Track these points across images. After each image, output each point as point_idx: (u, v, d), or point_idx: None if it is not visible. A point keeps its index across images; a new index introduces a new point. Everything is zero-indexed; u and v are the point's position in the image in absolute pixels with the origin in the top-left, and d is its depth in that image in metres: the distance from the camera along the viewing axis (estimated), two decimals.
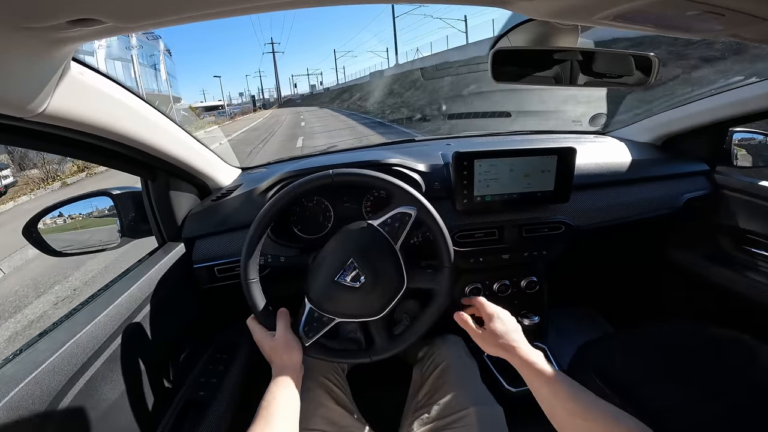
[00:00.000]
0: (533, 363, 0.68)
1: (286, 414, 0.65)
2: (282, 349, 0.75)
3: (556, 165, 1.09)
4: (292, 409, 0.67)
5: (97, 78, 0.66)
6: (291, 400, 0.68)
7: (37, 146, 0.68)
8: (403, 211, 0.82)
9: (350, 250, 0.81)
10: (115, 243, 1.07)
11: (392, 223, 0.82)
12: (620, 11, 0.52)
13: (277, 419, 0.62)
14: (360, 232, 0.83)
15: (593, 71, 0.76)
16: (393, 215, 0.82)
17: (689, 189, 1.29)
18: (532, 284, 1.29)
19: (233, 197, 1.15)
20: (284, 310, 0.81)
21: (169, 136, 0.91)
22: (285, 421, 0.64)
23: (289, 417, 0.66)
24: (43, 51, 0.48)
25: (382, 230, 0.82)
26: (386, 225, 0.82)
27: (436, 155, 1.24)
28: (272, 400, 0.65)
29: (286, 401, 0.67)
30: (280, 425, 0.62)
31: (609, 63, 0.76)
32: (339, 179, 0.82)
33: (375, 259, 0.80)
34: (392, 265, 0.81)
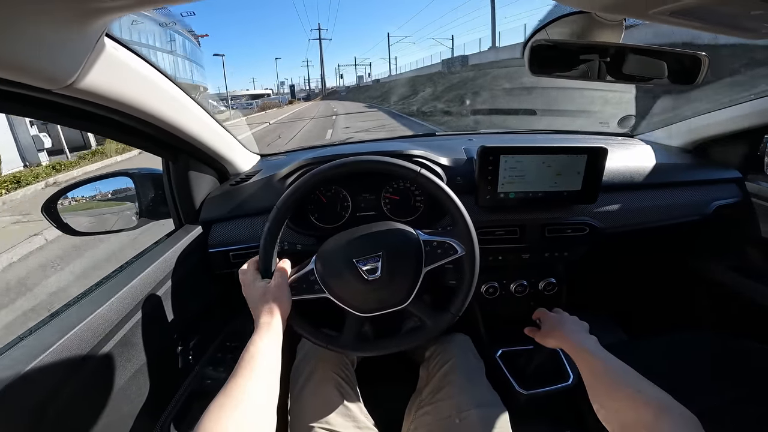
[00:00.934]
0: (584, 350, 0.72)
1: (272, 367, 0.61)
2: (274, 294, 0.71)
3: (585, 165, 1.06)
4: (276, 362, 0.63)
5: (128, 55, 0.65)
6: (276, 353, 0.64)
7: (62, 121, 0.67)
8: (453, 244, 0.81)
9: (385, 245, 0.79)
10: (133, 224, 1.07)
11: (437, 247, 0.81)
12: (679, 7, 0.49)
13: (264, 372, 0.59)
14: (404, 236, 0.82)
15: (637, 68, 0.73)
16: (442, 242, 0.81)
17: (720, 196, 1.25)
18: (550, 286, 1.26)
19: (252, 182, 1.14)
20: (286, 262, 0.79)
21: (194, 118, 0.90)
22: (271, 375, 0.60)
23: (275, 370, 0.61)
24: (78, 21, 0.47)
25: (424, 247, 0.81)
26: (430, 245, 0.81)
27: (458, 149, 1.21)
28: (256, 352, 0.60)
29: (271, 353, 0.62)
30: (264, 379, 0.58)
31: (655, 61, 0.73)
32: (421, 180, 0.81)
33: (400, 267, 0.79)
34: (409, 282, 0.80)
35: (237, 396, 0.53)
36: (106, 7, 0.44)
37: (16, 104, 0.57)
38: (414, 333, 0.84)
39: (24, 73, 0.47)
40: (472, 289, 0.82)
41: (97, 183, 1.04)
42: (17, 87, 0.51)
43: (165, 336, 0.88)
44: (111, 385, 0.72)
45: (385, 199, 1.14)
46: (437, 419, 0.83)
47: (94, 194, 1.04)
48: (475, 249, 0.81)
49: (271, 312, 0.68)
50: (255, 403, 0.54)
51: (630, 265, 1.58)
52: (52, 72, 0.50)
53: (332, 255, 0.80)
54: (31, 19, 0.42)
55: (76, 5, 0.43)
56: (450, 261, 0.81)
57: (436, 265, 0.80)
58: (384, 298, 0.80)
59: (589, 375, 0.68)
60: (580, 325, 0.85)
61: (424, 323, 0.83)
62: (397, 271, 0.78)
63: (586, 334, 0.80)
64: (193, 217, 1.07)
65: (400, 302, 0.80)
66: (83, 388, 0.65)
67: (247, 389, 0.54)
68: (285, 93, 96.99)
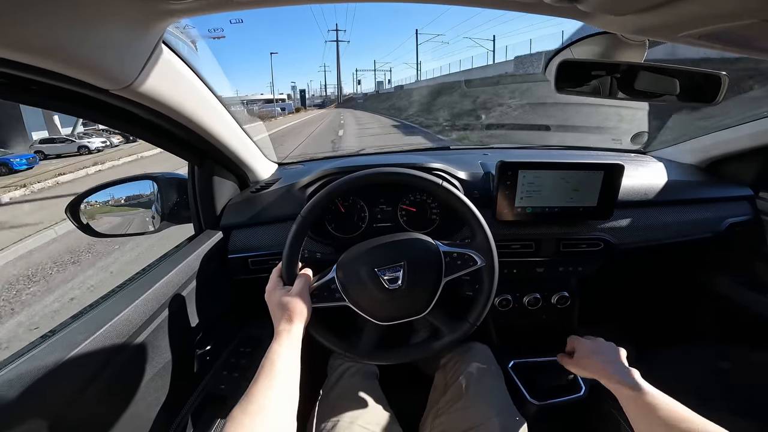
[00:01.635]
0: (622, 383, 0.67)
1: (291, 374, 0.62)
2: (295, 303, 0.72)
3: (602, 181, 1.07)
4: (296, 368, 0.64)
5: (177, 60, 0.68)
6: (296, 360, 0.65)
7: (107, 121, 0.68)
8: (473, 256, 0.82)
9: (407, 255, 0.80)
10: (154, 227, 1.08)
11: (457, 258, 0.82)
12: (707, 31, 0.51)
13: (283, 379, 0.59)
14: (425, 247, 0.83)
15: (658, 86, 0.75)
16: (462, 253, 0.82)
17: (732, 214, 1.26)
18: (563, 299, 1.27)
19: (272, 190, 1.15)
20: (308, 270, 0.81)
21: (225, 126, 0.92)
22: (291, 381, 0.61)
23: (294, 377, 0.62)
24: (141, 23, 0.49)
25: (444, 258, 0.82)
26: (450, 256, 0.82)
27: (475, 164, 1.23)
28: (277, 359, 0.61)
29: (291, 360, 0.63)
30: (285, 386, 0.59)
31: (676, 80, 0.75)
32: (441, 192, 0.83)
33: (421, 277, 0.80)
34: (429, 292, 0.81)
35: (259, 402, 0.54)
36: (172, 9, 0.46)
37: (68, 103, 0.59)
38: (432, 342, 0.85)
39: (90, 72, 0.49)
40: (491, 300, 0.83)
41: (121, 186, 1.05)
42: (77, 86, 0.53)
43: (183, 339, 0.89)
44: (130, 386, 0.73)
45: (402, 210, 1.16)
46: (455, 428, 0.83)
47: (118, 196, 1.06)
48: (494, 261, 0.82)
49: (291, 319, 0.70)
50: (276, 408, 0.55)
51: (642, 279, 1.59)
52: (115, 72, 0.52)
53: (354, 264, 0.81)
54: (101, 20, 0.44)
55: (145, 5, 0.45)
56: (469, 272, 0.82)
57: (455, 276, 0.82)
58: (404, 307, 0.81)
59: (635, 412, 0.63)
60: (617, 353, 0.76)
61: (441, 332, 0.84)
62: (417, 281, 0.79)
63: (624, 365, 0.73)
64: (214, 222, 1.09)
65: (419, 311, 0.81)
66: (104, 389, 0.65)
67: (268, 395, 0.56)
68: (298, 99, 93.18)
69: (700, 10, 0.46)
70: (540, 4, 0.50)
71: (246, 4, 0.46)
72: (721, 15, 0.46)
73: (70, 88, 0.53)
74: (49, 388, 0.56)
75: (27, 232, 5.62)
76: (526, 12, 0.52)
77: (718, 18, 0.46)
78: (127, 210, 1.10)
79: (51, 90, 0.53)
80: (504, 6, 0.52)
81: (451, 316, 0.85)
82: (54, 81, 0.49)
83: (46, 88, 0.52)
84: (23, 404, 0.53)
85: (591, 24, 0.61)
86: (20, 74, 0.46)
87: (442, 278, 0.81)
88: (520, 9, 0.52)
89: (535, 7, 0.51)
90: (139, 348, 0.74)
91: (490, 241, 0.82)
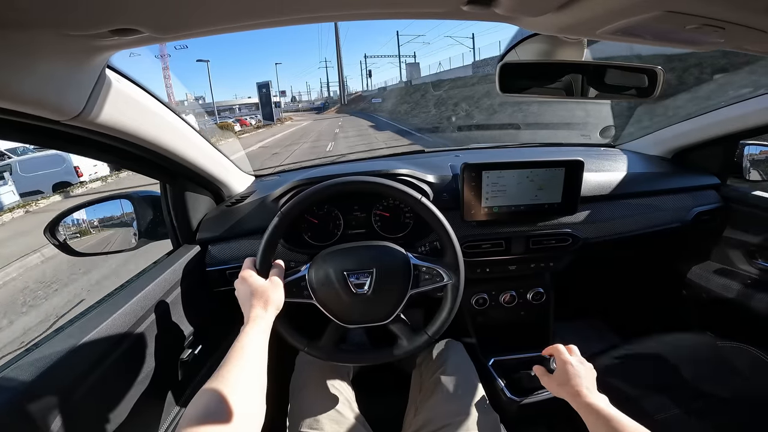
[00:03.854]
0: (597, 407, 0.66)
1: (260, 357, 0.64)
2: (271, 291, 0.75)
3: (564, 177, 1.10)
4: (264, 353, 0.66)
5: (129, 85, 0.70)
6: (265, 345, 0.67)
7: (70, 149, 0.71)
8: (442, 273, 0.85)
9: (378, 262, 0.83)
10: (132, 245, 1.11)
11: (425, 272, 0.85)
12: (621, 26, 0.54)
13: (253, 361, 0.62)
14: (396, 257, 0.86)
15: (600, 84, 0.78)
16: (431, 268, 0.85)
17: (699, 203, 1.28)
18: (538, 295, 1.29)
19: (247, 203, 1.18)
20: (280, 262, 0.83)
21: (190, 143, 0.95)
22: (260, 364, 0.63)
23: (263, 361, 0.65)
24: (81, 57, 0.52)
25: (413, 271, 0.85)
26: (419, 270, 0.85)
27: (444, 166, 1.26)
28: (248, 343, 0.64)
29: (260, 345, 0.66)
30: (255, 367, 0.61)
31: (614, 76, 0.78)
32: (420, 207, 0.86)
33: (388, 286, 0.83)
34: (393, 300, 0.84)
35: (228, 379, 0.56)
36: (107, 45, 0.49)
37: (28, 135, 0.62)
38: (389, 349, 0.87)
39: (36, 106, 0.52)
40: (451, 317, 0.86)
41: (97, 205, 1.08)
42: (29, 119, 0.56)
43: (166, 350, 0.91)
44: (113, 398, 0.74)
45: (376, 216, 1.18)
46: (431, 425, 0.85)
47: (94, 216, 1.09)
48: (460, 280, 0.85)
49: (265, 306, 0.72)
50: (245, 387, 0.57)
51: (616, 271, 1.61)
52: (61, 104, 0.55)
53: (326, 264, 0.84)
54: (39, 59, 0.47)
55: (81, 42, 0.48)
56: (435, 288, 0.85)
57: (421, 290, 0.85)
58: (368, 312, 0.84)
59: None
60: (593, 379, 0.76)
61: (398, 341, 0.87)
62: (384, 290, 0.83)
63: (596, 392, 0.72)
64: (191, 237, 1.11)
65: (382, 319, 0.85)
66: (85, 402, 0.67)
67: (236, 375, 0.57)
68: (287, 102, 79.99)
69: (605, 7, 0.49)
70: (458, 11, 0.53)
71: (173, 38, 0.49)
72: (626, 9, 0.48)
73: (22, 120, 0.56)
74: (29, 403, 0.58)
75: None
76: (447, 19, 0.55)
77: (625, 12, 0.49)
78: (105, 229, 1.13)
79: (3, 123, 0.56)
80: (425, 16, 0.55)
81: (412, 326, 0.88)
82: (3, 115, 0.52)
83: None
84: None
85: (515, 25, 0.64)
86: None
87: (408, 290, 0.84)
88: (440, 17, 0.55)
89: (454, 14, 0.54)
90: (120, 361, 0.76)
91: (459, 260, 0.85)
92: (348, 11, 0.52)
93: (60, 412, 0.62)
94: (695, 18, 0.48)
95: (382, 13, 0.52)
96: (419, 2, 0.52)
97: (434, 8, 0.53)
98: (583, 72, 0.77)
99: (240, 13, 0.47)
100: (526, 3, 0.52)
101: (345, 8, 0.51)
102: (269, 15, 0.49)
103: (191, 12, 0.45)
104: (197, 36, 0.52)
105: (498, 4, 0.50)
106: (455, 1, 0.50)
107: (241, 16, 0.48)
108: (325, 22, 0.54)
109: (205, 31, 0.50)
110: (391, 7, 0.52)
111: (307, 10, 0.50)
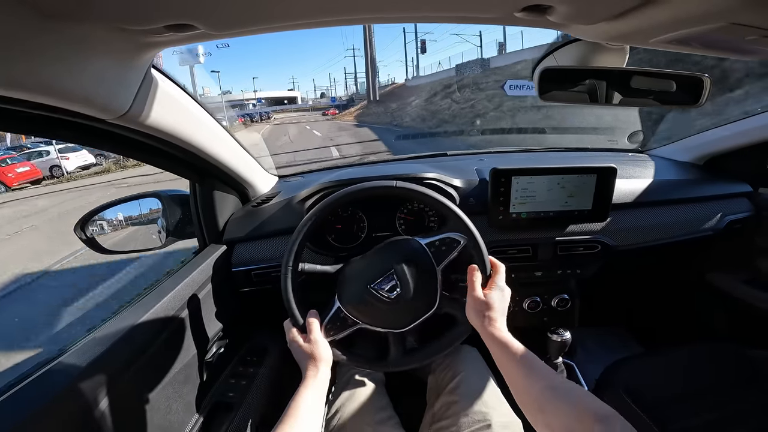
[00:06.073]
0: (508, 342, 0.68)
1: (313, 415, 0.68)
2: (312, 349, 0.77)
3: (596, 184, 1.08)
4: (319, 411, 0.70)
5: (170, 85, 0.71)
6: (319, 403, 0.71)
7: (110, 148, 0.72)
8: (453, 237, 0.83)
9: (393, 261, 0.82)
10: (160, 243, 1.12)
11: (439, 245, 0.84)
12: (677, 36, 0.53)
13: (305, 422, 0.66)
14: (406, 247, 0.85)
15: (644, 91, 0.76)
16: (442, 238, 0.84)
17: (732, 210, 1.25)
18: (563, 302, 1.27)
19: (273, 204, 1.18)
20: (314, 312, 0.83)
21: (222, 144, 0.95)
22: (312, 422, 0.67)
23: (316, 418, 0.69)
24: (131, 54, 0.52)
25: (429, 249, 0.83)
26: (433, 246, 0.84)
27: (470, 170, 1.25)
28: (302, 403, 0.68)
29: (313, 402, 0.70)
30: (307, 425, 0.65)
31: (659, 83, 0.76)
32: (400, 192, 0.84)
33: (415, 275, 0.82)
34: (429, 285, 0.82)
35: None
36: (158, 41, 0.49)
37: (73, 132, 0.63)
38: (452, 332, 0.84)
39: (84, 103, 0.52)
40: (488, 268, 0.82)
41: (126, 204, 1.10)
42: (76, 117, 0.56)
43: (192, 349, 0.92)
44: (142, 396, 0.75)
45: (400, 219, 1.17)
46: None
47: (123, 214, 1.10)
48: (475, 234, 0.81)
49: (316, 365, 0.75)
50: None
51: (644, 279, 1.58)
52: (108, 103, 0.55)
53: (350, 288, 0.83)
54: (93, 55, 0.47)
55: (133, 38, 0.48)
56: (458, 252, 0.83)
57: (447, 260, 0.83)
58: (413, 308, 0.82)
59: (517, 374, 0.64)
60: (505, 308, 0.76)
61: (456, 318, 0.84)
62: (414, 281, 0.81)
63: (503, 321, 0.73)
64: (217, 237, 1.12)
65: (430, 306, 0.83)
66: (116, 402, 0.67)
67: None
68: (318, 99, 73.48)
69: (668, 16, 0.47)
70: (511, 17, 0.52)
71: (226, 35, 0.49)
72: (689, 20, 0.47)
73: (68, 119, 0.56)
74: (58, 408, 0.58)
75: None
76: (498, 25, 0.55)
77: (687, 23, 0.48)
78: (133, 227, 1.14)
79: (50, 121, 0.57)
80: (476, 21, 0.54)
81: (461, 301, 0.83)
82: (51, 113, 0.53)
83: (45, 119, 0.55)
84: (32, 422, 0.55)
85: (566, 32, 0.63)
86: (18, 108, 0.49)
87: (435, 268, 0.82)
88: (492, 23, 0.54)
89: (507, 20, 0.53)
90: (150, 360, 0.77)
91: (464, 219, 0.82)
92: (399, 14, 0.51)
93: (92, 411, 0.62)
94: (758, 30, 0.47)
95: (434, 17, 0.52)
96: (473, 7, 0.51)
97: (487, 14, 0.52)
98: (627, 79, 0.75)
99: (295, 12, 0.47)
100: (583, 12, 0.51)
101: (397, 11, 0.51)
102: (321, 15, 0.49)
103: (248, 9, 0.45)
104: (250, 34, 0.52)
105: (553, 12, 0.49)
106: (509, 8, 0.49)
107: (296, 16, 0.48)
108: (376, 23, 0.53)
109: (259, 29, 0.50)
110: (443, 11, 0.52)
111: (358, 11, 0.49)
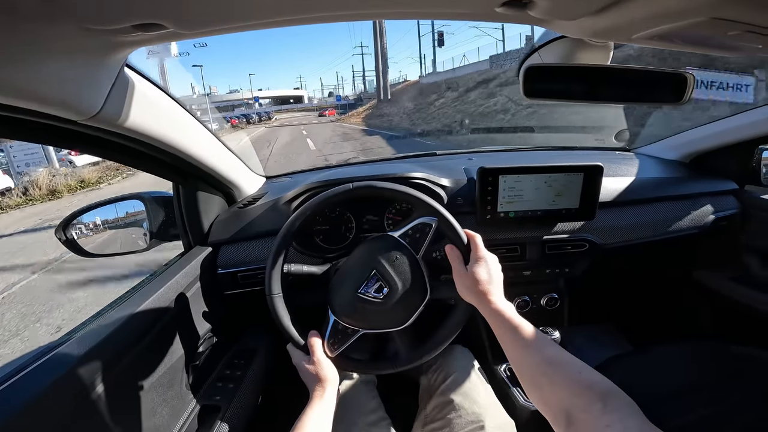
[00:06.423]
0: (504, 314, 0.66)
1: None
2: (319, 368, 0.78)
3: (582, 182, 1.08)
4: (323, 428, 0.71)
5: (146, 84, 0.69)
6: (325, 423, 0.72)
7: (85, 149, 0.70)
8: (424, 221, 0.82)
9: (372, 261, 0.81)
10: (143, 246, 1.10)
11: (413, 234, 0.83)
12: (659, 31, 0.52)
13: None
14: (381, 244, 0.84)
15: (627, 88, 0.76)
16: (413, 226, 0.83)
17: (718, 208, 1.26)
18: (552, 301, 1.27)
19: (259, 205, 1.17)
20: (315, 333, 0.82)
21: (204, 144, 0.94)
22: None
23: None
24: (101, 55, 0.50)
25: (403, 241, 0.82)
26: (407, 236, 0.83)
27: (458, 170, 1.24)
28: (307, 421, 0.69)
29: (318, 422, 0.71)
30: None
31: (643, 80, 0.76)
32: (359, 192, 0.83)
33: (397, 269, 0.80)
34: (415, 276, 0.81)
35: None
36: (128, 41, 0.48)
37: (44, 134, 0.61)
38: (453, 317, 0.83)
39: (54, 105, 0.51)
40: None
41: (109, 206, 1.07)
42: (46, 118, 0.54)
43: (178, 352, 0.90)
44: (126, 402, 0.73)
45: (388, 219, 1.17)
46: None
47: (106, 217, 1.08)
48: (442, 212, 0.80)
49: (322, 386, 0.77)
50: None
51: (632, 277, 1.59)
52: (79, 103, 0.53)
53: (340, 299, 0.82)
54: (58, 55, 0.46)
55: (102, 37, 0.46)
56: (432, 235, 0.82)
57: (424, 247, 0.82)
58: (407, 302, 0.81)
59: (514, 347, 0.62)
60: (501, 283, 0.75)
61: (455, 300, 0.83)
62: (398, 276, 0.80)
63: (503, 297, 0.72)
64: (203, 238, 1.10)
65: (423, 296, 0.82)
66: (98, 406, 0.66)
67: None
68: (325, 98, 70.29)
69: (649, 11, 0.47)
70: (492, 13, 0.51)
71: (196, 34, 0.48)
72: (669, 15, 0.47)
73: (38, 120, 0.55)
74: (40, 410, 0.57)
75: None
76: (479, 21, 0.54)
77: (668, 18, 0.48)
78: (117, 229, 1.12)
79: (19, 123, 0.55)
80: (457, 17, 0.53)
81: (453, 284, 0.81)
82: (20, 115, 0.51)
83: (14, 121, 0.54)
84: None
85: (548, 28, 0.63)
86: None
87: (416, 257, 0.82)
88: (472, 18, 0.53)
89: (488, 16, 0.53)
90: (134, 363, 0.75)
91: (427, 201, 0.81)
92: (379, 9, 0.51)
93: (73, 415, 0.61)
94: (740, 25, 0.46)
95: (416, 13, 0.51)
96: (453, 3, 0.50)
97: (468, 9, 0.51)
98: (611, 76, 0.75)
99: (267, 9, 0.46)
100: (564, 6, 0.50)
101: (376, 6, 0.50)
102: (297, 12, 0.47)
103: (218, 8, 0.44)
104: (221, 33, 0.50)
105: (533, 6, 0.48)
106: (490, 3, 0.48)
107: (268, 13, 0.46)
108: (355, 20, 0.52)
109: (230, 27, 0.49)
110: (421, 6, 0.51)
111: (336, 8, 0.48)
